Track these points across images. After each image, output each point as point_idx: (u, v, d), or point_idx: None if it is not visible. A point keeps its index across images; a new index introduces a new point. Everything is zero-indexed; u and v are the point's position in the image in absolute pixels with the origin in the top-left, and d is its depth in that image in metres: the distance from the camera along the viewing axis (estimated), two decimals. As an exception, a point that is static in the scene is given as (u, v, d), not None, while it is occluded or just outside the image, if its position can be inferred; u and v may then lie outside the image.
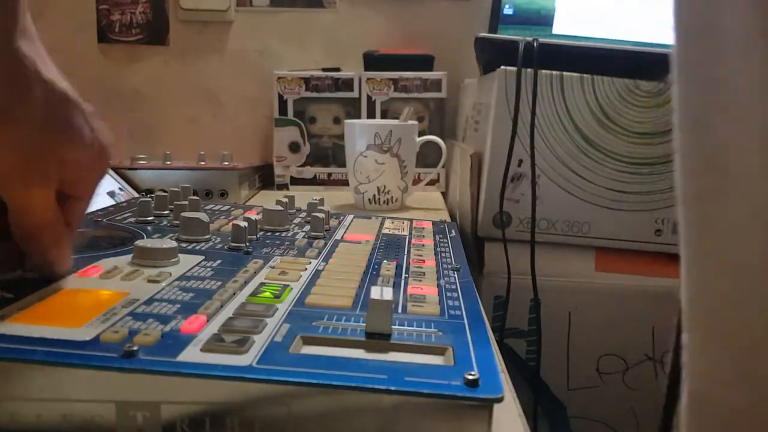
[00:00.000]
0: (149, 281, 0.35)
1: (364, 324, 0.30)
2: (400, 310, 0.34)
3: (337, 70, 1.04)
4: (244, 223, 0.45)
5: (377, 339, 0.29)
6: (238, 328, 0.29)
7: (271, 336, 0.29)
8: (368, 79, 1.01)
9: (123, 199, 0.74)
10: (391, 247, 0.49)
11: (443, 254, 0.48)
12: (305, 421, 0.25)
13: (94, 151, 0.34)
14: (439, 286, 0.39)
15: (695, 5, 0.22)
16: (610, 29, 0.97)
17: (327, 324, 0.31)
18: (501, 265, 0.76)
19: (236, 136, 1.12)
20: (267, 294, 0.35)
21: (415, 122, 0.87)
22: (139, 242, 0.40)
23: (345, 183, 0.95)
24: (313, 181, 1.03)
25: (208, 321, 0.30)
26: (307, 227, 0.53)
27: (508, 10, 1.02)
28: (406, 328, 0.31)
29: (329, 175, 1.03)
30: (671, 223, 0.76)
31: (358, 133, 0.84)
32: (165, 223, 0.52)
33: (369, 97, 1.02)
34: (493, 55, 0.79)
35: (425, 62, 1.04)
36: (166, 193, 0.57)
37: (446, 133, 1.03)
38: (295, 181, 1.03)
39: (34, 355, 0.25)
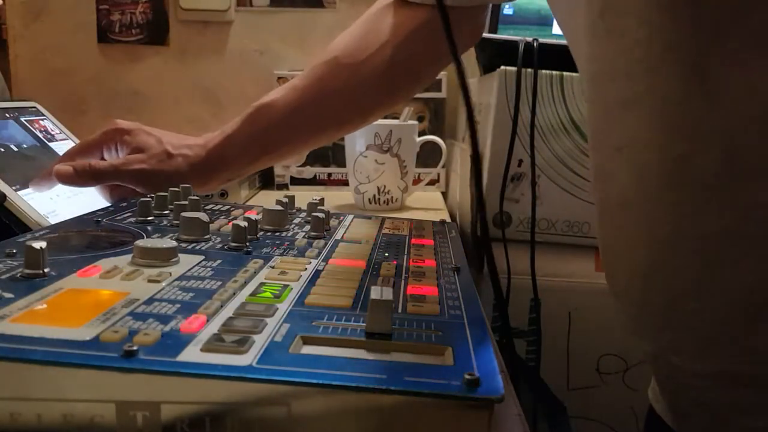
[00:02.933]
0: (149, 281, 0.35)
1: (364, 324, 0.30)
2: (400, 310, 0.34)
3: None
4: (244, 223, 0.45)
5: (377, 339, 0.29)
6: (238, 328, 0.29)
7: (271, 336, 0.29)
8: (368, 79, 1.01)
9: (123, 199, 0.73)
10: (391, 247, 0.49)
11: (443, 254, 0.48)
12: (305, 421, 0.25)
13: None
14: (439, 286, 0.39)
15: None
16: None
17: (327, 324, 0.31)
18: (501, 265, 0.76)
19: (236, 136, 1.12)
20: (267, 294, 0.35)
21: (415, 122, 0.87)
22: (139, 242, 0.40)
23: (345, 183, 0.95)
24: (313, 181, 1.03)
25: (208, 321, 0.30)
26: (307, 227, 0.53)
27: (508, 10, 1.02)
28: (406, 328, 0.31)
29: (329, 175, 1.03)
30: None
31: (358, 133, 0.84)
32: (165, 223, 0.52)
33: (369, 97, 1.01)
34: (493, 55, 0.79)
35: (425, 62, 1.04)
36: (166, 193, 0.57)
37: (446, 133, 1.03)
38: (295, 181, 1.03)
39: (34, 355, 0.25)
